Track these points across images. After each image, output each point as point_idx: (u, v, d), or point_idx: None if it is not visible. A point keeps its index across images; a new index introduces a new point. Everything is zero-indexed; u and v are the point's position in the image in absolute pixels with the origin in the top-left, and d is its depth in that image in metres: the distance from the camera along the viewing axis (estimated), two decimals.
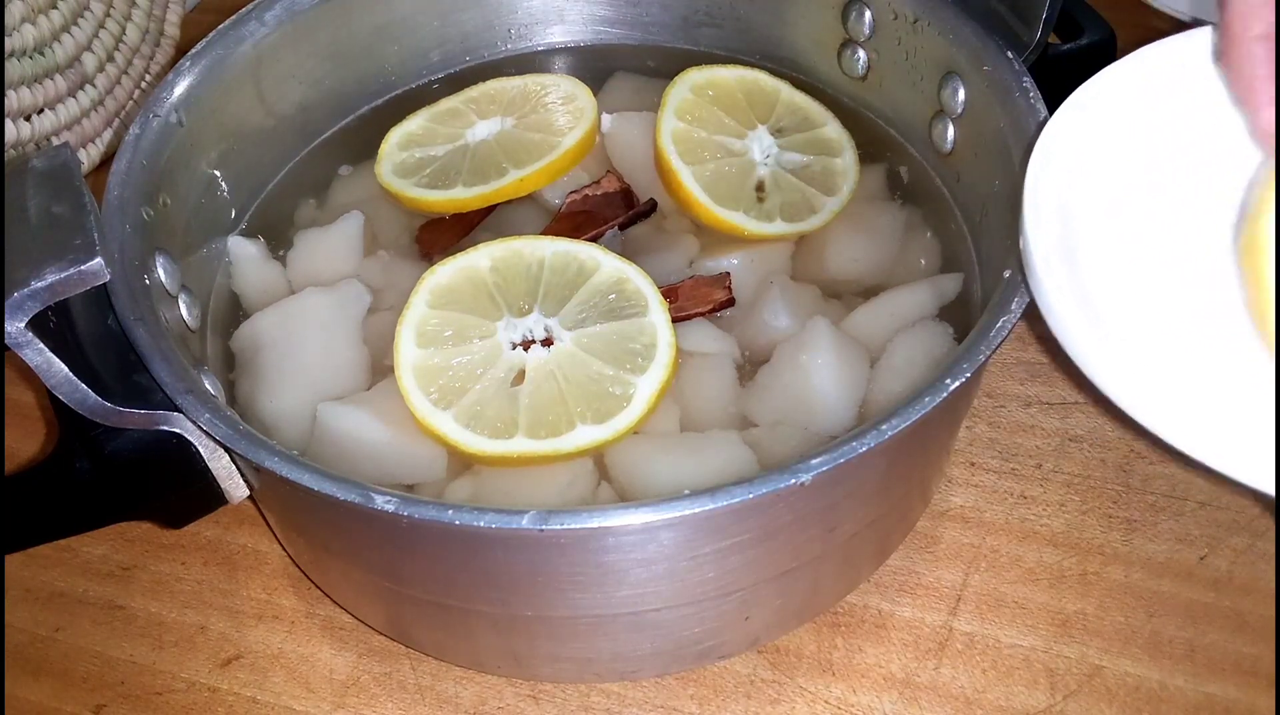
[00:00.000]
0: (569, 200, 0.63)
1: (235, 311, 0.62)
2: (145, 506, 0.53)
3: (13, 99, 0.76)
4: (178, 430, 0.49)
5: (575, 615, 0.49)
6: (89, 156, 0.84)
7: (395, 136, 0.67)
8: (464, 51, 0.73)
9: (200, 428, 0.46)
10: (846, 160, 0.65)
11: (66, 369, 0.45)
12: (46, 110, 0.80)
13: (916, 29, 0.61)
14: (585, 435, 0.51)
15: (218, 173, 0.63)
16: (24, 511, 0.50)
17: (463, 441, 0.51)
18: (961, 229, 0.61)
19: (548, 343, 0.54)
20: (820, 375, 0.54)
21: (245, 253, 0.63)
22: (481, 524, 0.42)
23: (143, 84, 0.88)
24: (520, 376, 0.53)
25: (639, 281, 0.55)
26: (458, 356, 0.54)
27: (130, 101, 0.87)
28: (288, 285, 0.62)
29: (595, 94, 0.68)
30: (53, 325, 0.46)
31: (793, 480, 0.42)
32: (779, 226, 0.61)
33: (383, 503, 0.42)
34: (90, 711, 0.58)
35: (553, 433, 0.51)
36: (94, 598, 0.62)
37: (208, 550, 0.64)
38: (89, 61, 0.82)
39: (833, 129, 0.66)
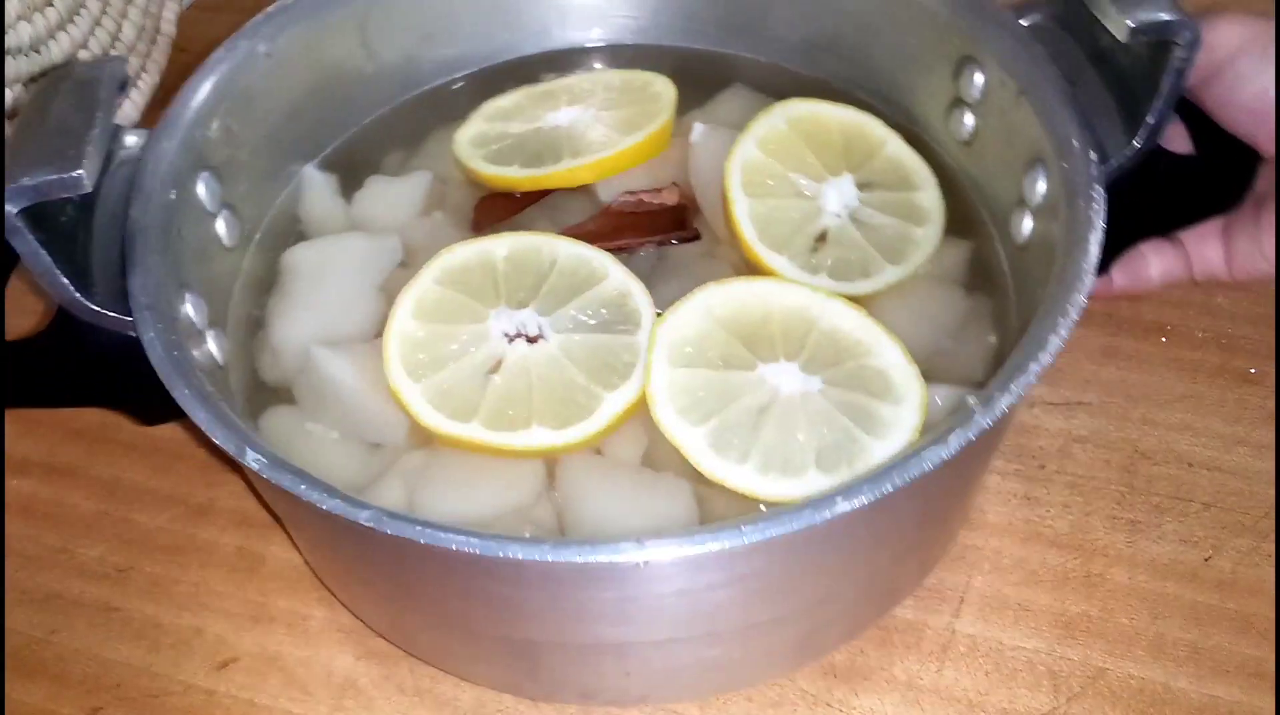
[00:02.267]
0: (619, 199, 0.63)
1: (291, 234, 0.64)
2: (118, 399, 0.56)
3: (9, 96, 0.76)
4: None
5: (599, 643, 0.50)
6: None
7: (487, 107, 0.68)
8: (584, 33, 0.73)
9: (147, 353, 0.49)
10: (928, 233, 0.59)
11: (50, 262, 0.48)
12: None
13: (1018, 103, 0.56)
14: (538, 436, 0.52)
15: (302, 106, 0.65)
16: (11, 374, 0.54)
17: (421, 414, 0.53)
18: (1017, 340, 0.57)
19: (534, 340, 0.55)
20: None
21: (316, 183, 0.65)
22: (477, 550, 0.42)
23: (139, 81, 0.88)
24: (497, 366, 0.54)
25: (640, 302, 0.55)
26: (444, 335, 0.55)
27: (126, 99, 0.87)
28: (347, 223, 0.64)
29: (705, 103, 0.68)
30: (65, 218, 0.50)
31: (841, 508, 0.41)
32: (821, 282, 0.57)
33: (365, 518, 0.42)
34: (86, 713, 0.58)
35: (508, 427, 0.52)
36: (90, 600, 0.62)
37: (204, 552, 0.64)
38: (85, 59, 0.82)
39: (928, 197, 0.61)
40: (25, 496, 0.68)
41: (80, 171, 0.48)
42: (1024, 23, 0.57)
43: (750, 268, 0.59)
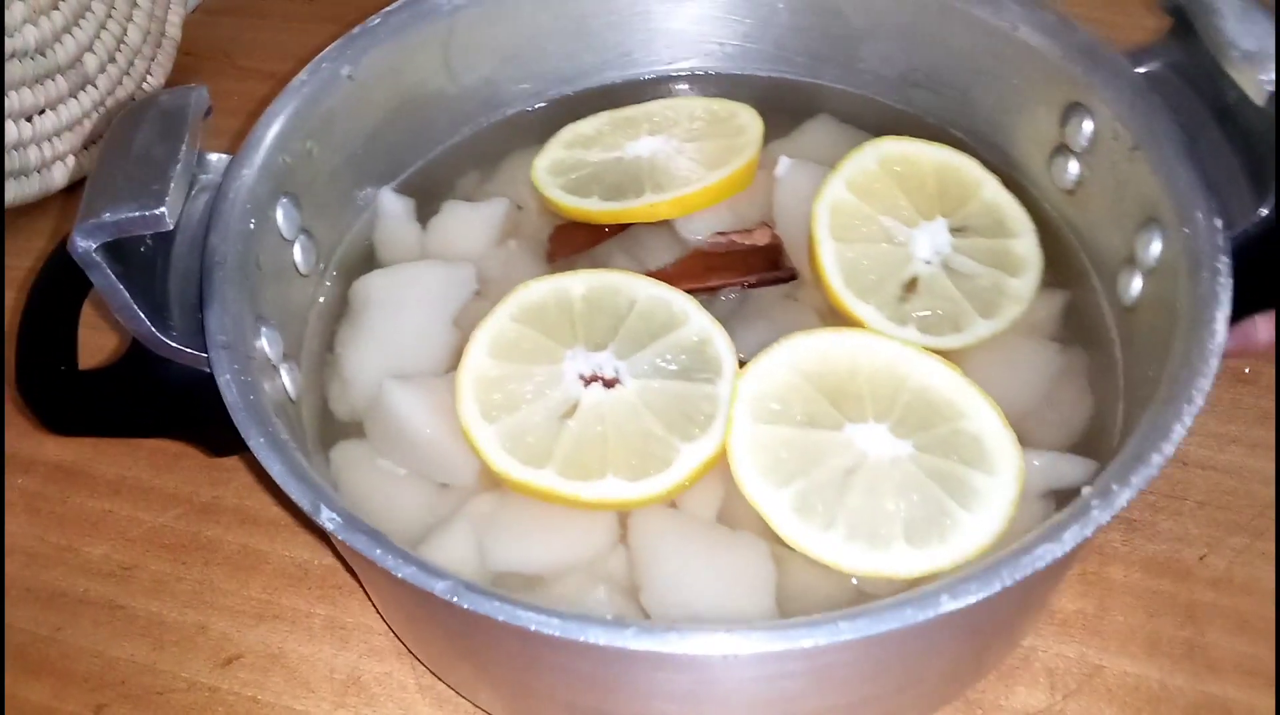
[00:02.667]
0: (710, 241, 0.60)
1: (365, 260, 0.63)
2: (190, 431, 0.56)
3: (14, 100, 0.76)
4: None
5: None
6: (89, 157, 0.84)
7: (567, 133, 0.66)
8: (670, 59, 0.70)
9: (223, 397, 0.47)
10: (1023, 284, 0.56)
11: (127, 295, 0.47)
12: (48, 111, 0.80)
13: (1133, 157, 0.52)
14: (611, 488, 0.49)
15: (382, 129, 0.63)
16: (83, 403, 0.54)
17: (494, 459, 0.50)
18: (1116, 404, 0.53)
19: (610, 384, 0.52)
20: None
21: (392, 208, 0.64)
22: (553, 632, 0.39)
23: (144, 85, 0.88)
24: (572, 411, 0.51)
25: (722, 349, 0.52)
26: (520, 374, 0.52)
27: (131, 102, 0.87)
28: (421, 249, 0.62)
29: (790, 132, 0.65)
30: (144, 249, 0.49)
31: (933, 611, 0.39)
32: (909, 334, 0.54)
33: (441, 590, 0.40)
34: (91, 711, 0.58)
35: (582, 476, 0.49)
36: (94, 597, 0.62)
37: (208, 550, 0.63)
38: (90, 63, 0.82)
39: (1025, 245, 0.57)
40: (30, 495, 0.67)
41: (162, 209, 0.46)
42: (1140, 70, 0.53)
43: (835, 314, 0.56)
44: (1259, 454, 0.62)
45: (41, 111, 0.79)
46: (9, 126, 0.76)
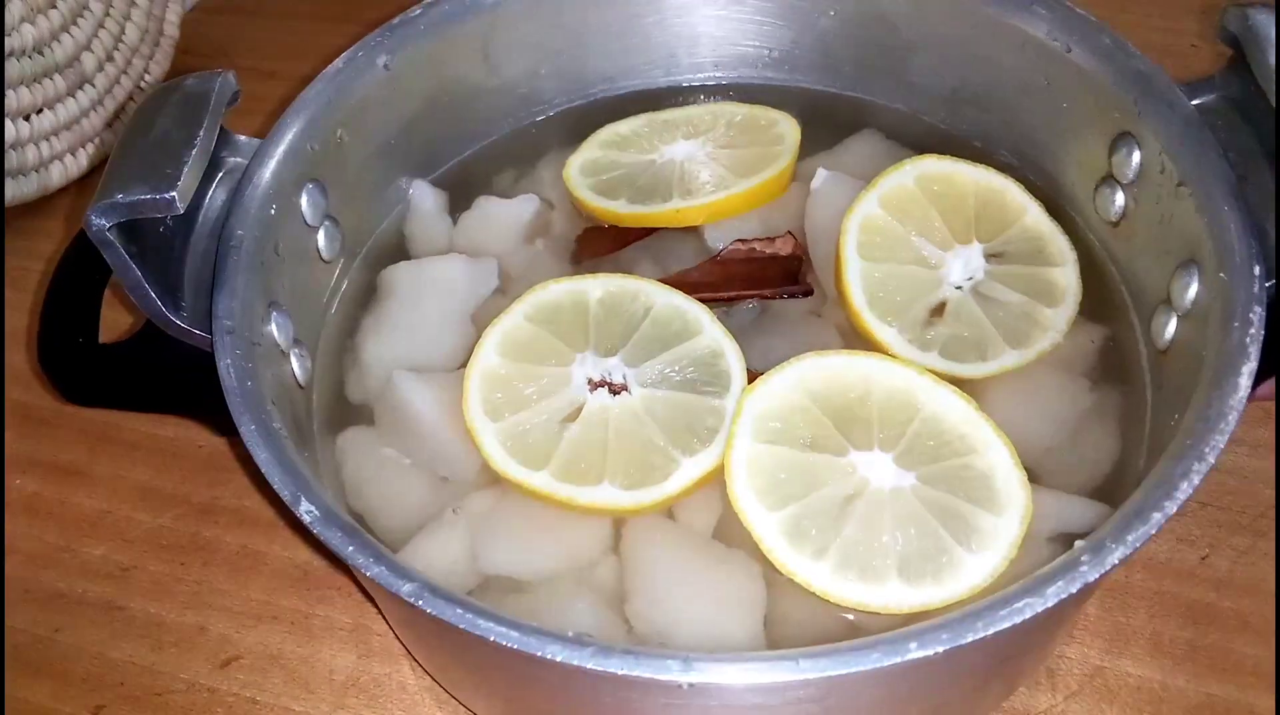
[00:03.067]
0: (730, 248, 0.59)
1: (396, 250, 0.63)
2: (196, 408, 0.56)
3: (12, 98, 0.77)
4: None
5: None
6: (87, 155, 0.84)
7: (604, 133, 0.66)
8: (715, 63, 0.70)
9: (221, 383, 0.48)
10: (1058, 316, 0.55)
11: (140, 277, 0.48)
12: (46, 110, 0.80)
13: (1178, 193, 0.50)
14: (606, 495, 0.50)
15: (418, 120, 0.63)
16: (99, 376, 0.55)
17: (493, 456, 0.51)
18: (1140, 449, 0.51)
19: (617, 391, 0.52)
20: None
21: (424, 200, 0.65)
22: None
23: (142, 84, 0.88)
24: (576, 414, 0.52)
25: (732, 363, 0.52)
26: (528, 374, 0.53)
27: (129, 101, 0.87)
28: (450, 243, 0.63)
29: (833, 145, 0.64)
30: (162, 229, 0.51)
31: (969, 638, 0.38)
32: (932, 360, 0.53)
33: (406, 592, 0.40)
34: (89, 712, 0.59)
35: (578, 481, 0.50)
36: (93, 598, 0.63)
37: (207, 551, 0.64)
38: (88, 61, 0.83)
39: (1065, 275, 0.56)
40: (28, 495, 0.68)
41: (173, 193, 0.47)
42: (1195, 103, 0.52)
43: (857, 334, 0.56)
44: (1261, 455, 0.62)
45: (39, 110, 0.80)
46: (7, 125, 0.76)
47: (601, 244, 0.62)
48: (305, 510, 0.43)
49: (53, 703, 0.59)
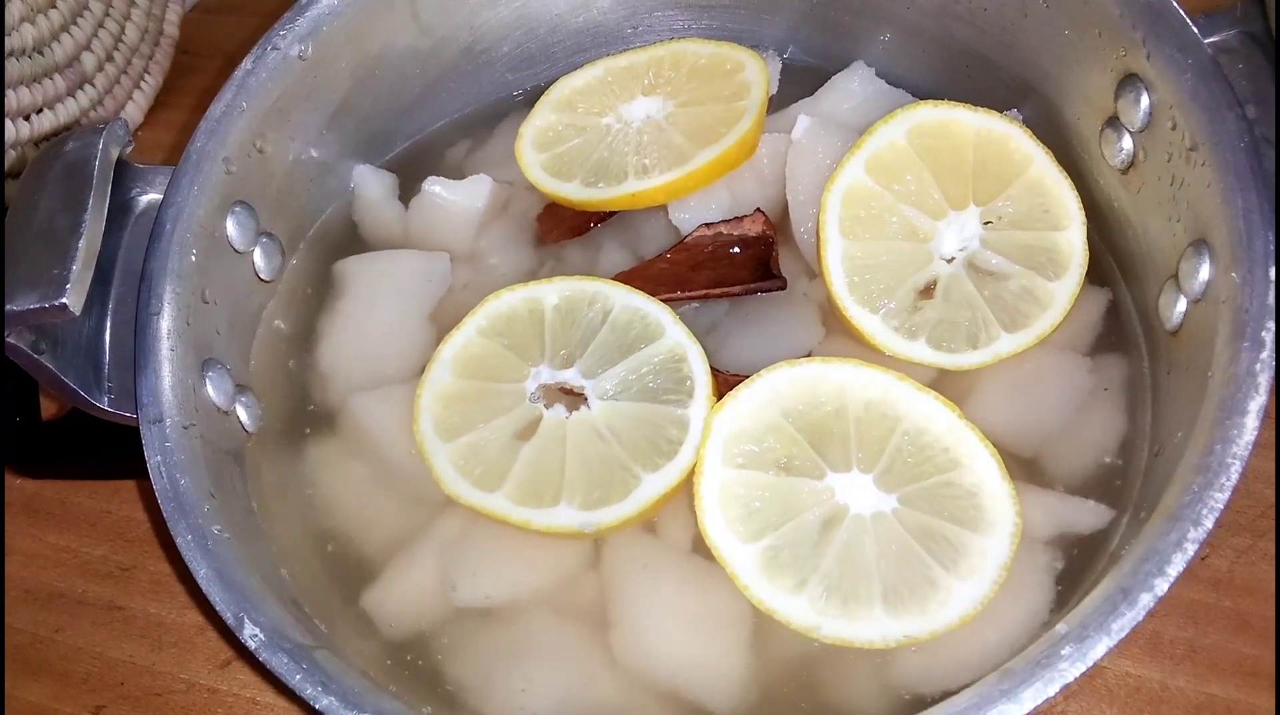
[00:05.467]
0: (695, 234, 0.55)
1: (347, 238, 0.61)
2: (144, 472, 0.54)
3: (12, 99, 0.76)
4: None
5: None
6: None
7: (558, 90, 0.61)
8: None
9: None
10: (1060, 290, 0.50)
11: (53, 370, 0.47)
12: (45, 110, 0.80)
13: (1190, 160, 0.45)
14: (565, 516, 0.48)
15: (349, 103, 0.59)
16: (42, 451, 0.56)
17: (445, 479, 0.50)
18: (1145, 437, 0.48)
19: (575, 405, 0.50)
20: None
21: (369, 187, 0.61)
22: None
23: (142, 83, 0.88)
24: (532, 432, 0.50)
25: (696, 368, 0.49)
26: (481, 392, 0.51)
27: (129, 101, 0.87)
28: (403, 229, 0.60)
29: (822, 84, 0.58)
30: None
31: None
32: (918, 349, 0.50)
33: None
34: (90, 712, 0.59)
35: (535, 502, 0.48)
36: (94, 598, 0.63)
37: None
38: (88, 61, 0.82)
39: (1070, 239, 0.51)
40: (28, 495, 0.68)
41: (63, 300, 0.44)
42: (1212, 39, 0.46)
43: (839, 320, 0.52)
44: (1260, 454, 0.61)
45: (39, 110, 0.79)
46: (7, 126, 0.76)
47: (564, 224, 0.59)
48: (250, 635, 0.43)
49: (53, 703, 0.60)
